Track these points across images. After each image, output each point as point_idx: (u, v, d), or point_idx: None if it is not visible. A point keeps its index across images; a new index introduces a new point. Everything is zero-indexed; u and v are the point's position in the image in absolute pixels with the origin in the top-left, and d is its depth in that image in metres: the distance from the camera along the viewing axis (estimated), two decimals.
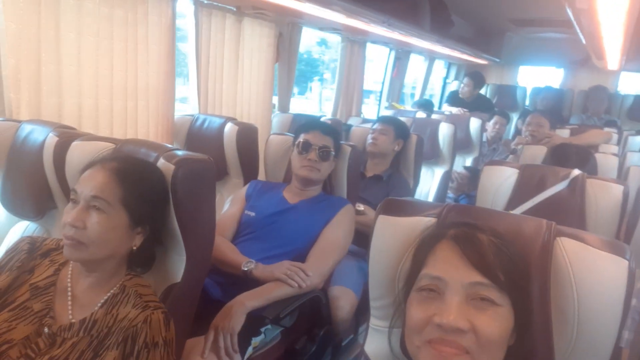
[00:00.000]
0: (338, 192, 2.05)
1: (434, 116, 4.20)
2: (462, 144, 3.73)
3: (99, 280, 1.10)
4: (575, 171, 1.71)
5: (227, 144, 2.40)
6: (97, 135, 1.44)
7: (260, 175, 2.45)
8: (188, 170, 1.18)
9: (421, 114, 4.21)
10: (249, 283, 1.60)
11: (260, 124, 3.16)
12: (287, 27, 3.41)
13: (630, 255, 0.83)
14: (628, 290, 0.81)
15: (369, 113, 5.26)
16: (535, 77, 6.94)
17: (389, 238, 0.98)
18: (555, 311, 0.85)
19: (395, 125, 2.64)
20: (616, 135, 3.65)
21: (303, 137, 1.91)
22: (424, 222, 0.95)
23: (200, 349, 1.41)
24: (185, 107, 2.95)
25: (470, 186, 3.38)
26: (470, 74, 5.30)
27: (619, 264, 0.82)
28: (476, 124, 3.80)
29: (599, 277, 0.83)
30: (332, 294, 1.89)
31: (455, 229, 0.83)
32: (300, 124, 2.01)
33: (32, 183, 1.58)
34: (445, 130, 3.29)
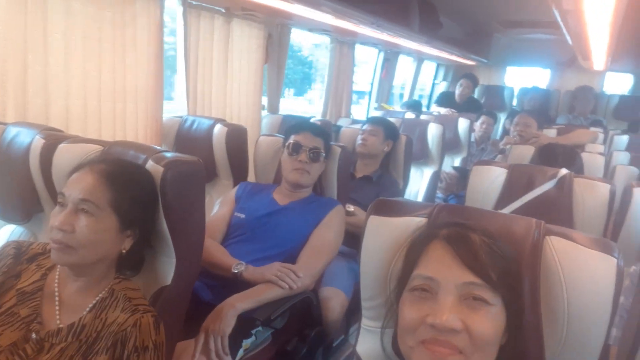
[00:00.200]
0: (328, 193, 2.05)
1: (423, 117, 4.22)
2: (451, 144, 3.75)
3: (87, 284, 1.08)
4: (563, 170, 1.73)
5: (217, 145, 2.39)
6: (85, 138, 1.43)
7: (250, 176, 2.44)
8: (177, 172, 1.18)
9: (410, 115, 4.23)
10: (239, 285, 1.59)
11: (250, 125, 3.15)
12: (276, 28, 3.41)
13: (618, 253, 0.84)
14: (617, 288, 0.82)
15: (359, 114, 5.27)
16: (523, 78, 7.02)
17: (380, 238, 0.98)
18: (546, 309, 0.86)
19: (384, 126, 2.64)
20: (602, 135, 3.70)
21: (293, 139, 1.90)
22: (415, 222, 0.95)
23: (190, 352, 1.40)
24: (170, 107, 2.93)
25: (459, 186, 3.40)
26: (467, 75, 5.32)
27: (607, 261, 0.83)
28: (464, 125, 3.82)
29: (588, 275, 0.84)
30: (323, 295, 1.89)
31: (447, 229, 0.83)
32: (291, 125, 2.00)
33: (19, 186, 1.56)
34: (434, 131, 3.30)
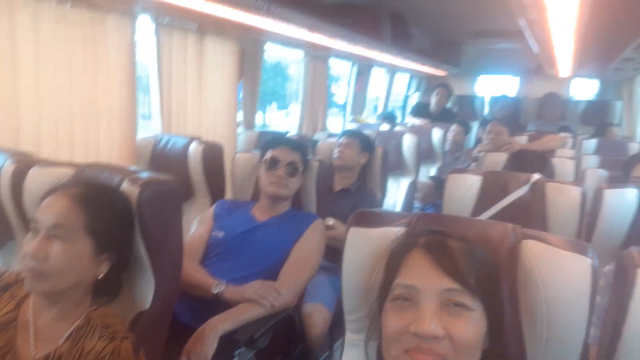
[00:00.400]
0: (307, 208, 2.04)
1: (398, 128, 4.27)
2: (426, 154, 3.80)
3: (62, 313, 1.05)
4: (535, 176, 1.77)
5: (192, 163, 2.36)
6: (57, 161, 1.40)
7: (228, 194, 2.42)
8: (153, 192, 1.16)
9: (385, 127, 4.27)
10: (220, 306, 1.57)
11: (226, 142, 3.14)
12: (250, 44, 3.42)
13: (592, 254, 0.86)
14: (593, 288, 0.84)
15: (335, 127, 5.30)
16: (493, 87, 7.19)
17: (361, 250, 0.98)
18: (525, 312, 0.87)
19: (360, 139, 2.67)
20: (571, 140, 3.81)
21: (270, 154, 1.90)
22: (394, 232, 0.96)
23: None
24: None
25: (436, 195, 3.44)
26: (443, 85, 5.42)
27: (582, 262, 0.85)
28: (438, 135, 3.88)
29: (564, 277, 0.85)
30: (306, 311, 1.88)
31: (425, 237, 0.84)
32: (267, 141, 2.00)
33: None
34: (408, 142, 3.35)
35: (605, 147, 3.54)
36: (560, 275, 0.86)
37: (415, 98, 6.65)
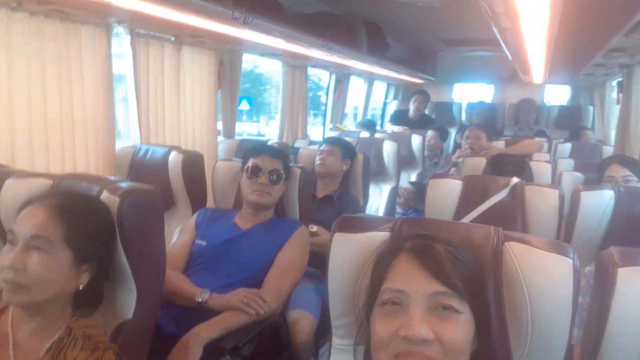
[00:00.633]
0: (290, 215, 2.04)
1: (377, 135, 4.31)
2: (406, 160, 3.84)
3: (42, 325, 1.02)
4: (514, 179, 1.80)
5: (173, 173, 2.34)
6: (33, 172, 1.37)
7: (209, 203, 2.39)
8: (134, 201, 1.14)
9: (365, 134, 4.31)
10: (204, 314, 1.55)
11: (206, 150, 3.11)
12: (228, 54, 3.41)
13: (573, 254, 0.88)
14: (575, 288, 0.85)
15: (315, 135, 5.32)
16: (469, 93, 7.31)
17: (346, 255, 0.98)
18: (510, 313, 0.88)
19: (341, 146, 2.68)
20: (547, 144, 3.89)
21: (252, 162, 1.89)
22: (379, 237, 0.96)
23: None
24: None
25: (417, 200, 3.47)
26: (420, 91, 5.50)
27: (564, 263, 0.87)
28: (418, 141, 3.93)
29: (547, 277, 0.87)
30: (291, 318, 1.87)
31: (411, 241, 0.85)
32: (248, 149, 2.00)
33: None
34: (389, 148, 3.38)
35: (579, 151, 3.63)
36: (543, 275, 0.87)
37: (393, 106, 6.72)
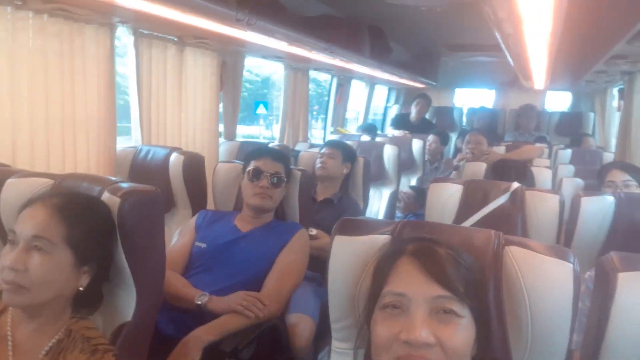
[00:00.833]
0: (290, 218, 2.04)
1: (378, 139, 4.31)
2: (406, 164, 3.84)
3: (42, 326, 1.02)
4: (515, 184, 1.80)
5: (173, 174, 2.34)
6: (34, 172, 1.37)
7: (209, 205, 2.39)
8: (135, 202, 1.14)
9: (366, 138, 4.31)
10: (203, 317, 1.55)
11: (207, 152, 3.11)
12: (230, 56, 3.42)
13: (573, 259, 0.88)
14: (575, 292, 0.85)
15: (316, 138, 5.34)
16: (470, 98, 7.33)
17: (347, 258, 0.98)
18: (510, 317, 0.88)
19: (342, 149, 2.68)
20: (547, 150, 3.90)
21: (253, 165, 1.89)
22: (379, 240, 0.96)
23: None
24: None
25: (417, 204, 3.47)
26: (422, 95, 5.51)
27: (564, 267, 0.87)
28: (418, 145, 3.94)
29: (547, 281, 0.87)
30: (290, 321, 1.86)
31: (413, 244, 0.85)
32: (250, 152, 2.00)
33: None
34: (389, 152, 3.38)
35: (579, 157, 3.64)
36: (543, 280, 0.87)
37: (394, 110, 6.73)
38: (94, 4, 2.05)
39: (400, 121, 5.55)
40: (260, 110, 6.09)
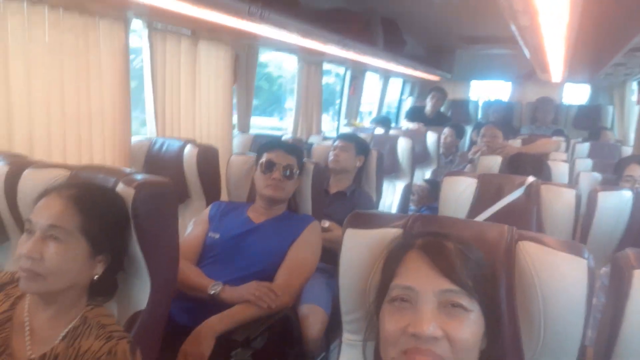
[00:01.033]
0: (303, 210, 2.04)
1: (392, 132, 4.29)
2: (421, 157, 3.82)
3: (58, 313, 1.04)
4: (530, 178, 1.78)
5: (187, 166, 2.36)
6: (51, 162, 1.39)
7: (223, 196, 2.41)
8: (149, 193, 1.16)
9: (379, 130, 4.29)
10: (216, 306, 1.56)
11: (221, 145, 3.13)
12: (244, 49, 3.42)
13: (588, 255, 0.87)
14: (589, 289, 0.84)
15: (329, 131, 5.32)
16: (486, 91, 7.23)
17: (358, 251, 0.98)
18: (522, 313, 0.88)
19: (355, 142, 2.67)
20: (564, 144, 3.84)
21: (266, 157, 1.90)
22: (391, 233, 0.96)
23: None
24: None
25: (431, 198, 3.45)
26: (437, 88, 5.46)
27: (578, 263, 0.86)
28: (433, 138, 3.91)
29: (561, 277, 0.86)
30: (302, 312, 1.87)
31: (422, 238, 0.84)
32: (263, 144, 2.00)
33: None
34: (403, 145, 3.36)
35: (597, 151, 3.58)
36: (556, 276, 0.86)
37: (409, 102, 6.69)
38: None
39: (415, 113, 5.51)
40: (289, 104, 6.18)
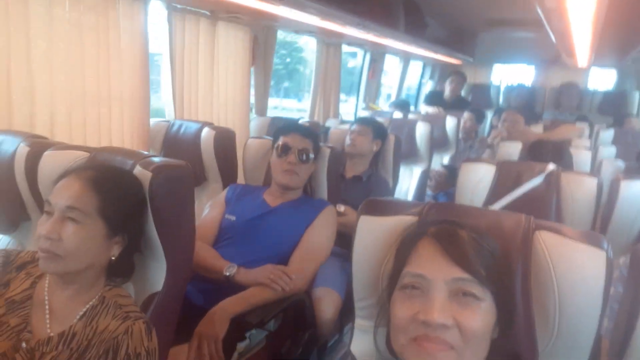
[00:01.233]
0: (319, 194, 2.05)
1: (411, 116, 4.24)
2: (439, 142, 3.77)
3: (77, 292, 1.07)
4: (550, 166, 1.75)
5: (205, 149, 2.37)
6: (71, 144, 1.41)
7: (239, 179, 2.43)
8: (166, 176, 1.17)
9: (398, 114, 4.24)
10: (231, 288, 1.58)
11: (238, 127, 3.15)
12: (262, 31, 3.40)
13: (607, 245, 0.85)
14: (607, 280, 0.83)
15: (347, 114, 5.28)
16: (508, 75, 7.08)
17: (372, 238, 0.98)
18: (537, 303, 0.87)
19: (373, 126, 2.65)
20: (588, 130, 3.75)
21: (282, 140, 1.90)
22: (405, 221, 0.95)
23: (184, 356, 1.39)
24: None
25: (448, 183, 3.42)
26: (457, 72, 5.37)
27: (596, 254, 0.84)
28: (452, 123, 3.85)
29: (578, 269, 0.84)
30: (316, 295, 1.88)
31: (435, 226, 0.84)
32: (279, 127, 2.00)
33: (4, 195, 1.53)
34: (422, 130, 3.32)
35: (622, 138, 3.48)
36: (574, 267, 0.85)
37: (429, 86, 6.59)
38: None
39: (434, 98, 5.43)
40: None
